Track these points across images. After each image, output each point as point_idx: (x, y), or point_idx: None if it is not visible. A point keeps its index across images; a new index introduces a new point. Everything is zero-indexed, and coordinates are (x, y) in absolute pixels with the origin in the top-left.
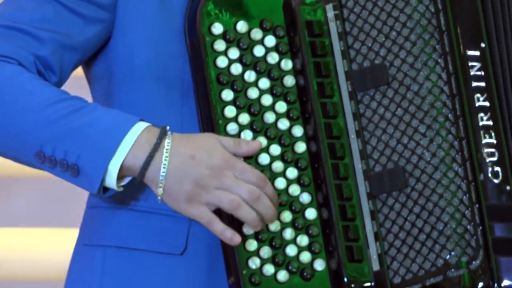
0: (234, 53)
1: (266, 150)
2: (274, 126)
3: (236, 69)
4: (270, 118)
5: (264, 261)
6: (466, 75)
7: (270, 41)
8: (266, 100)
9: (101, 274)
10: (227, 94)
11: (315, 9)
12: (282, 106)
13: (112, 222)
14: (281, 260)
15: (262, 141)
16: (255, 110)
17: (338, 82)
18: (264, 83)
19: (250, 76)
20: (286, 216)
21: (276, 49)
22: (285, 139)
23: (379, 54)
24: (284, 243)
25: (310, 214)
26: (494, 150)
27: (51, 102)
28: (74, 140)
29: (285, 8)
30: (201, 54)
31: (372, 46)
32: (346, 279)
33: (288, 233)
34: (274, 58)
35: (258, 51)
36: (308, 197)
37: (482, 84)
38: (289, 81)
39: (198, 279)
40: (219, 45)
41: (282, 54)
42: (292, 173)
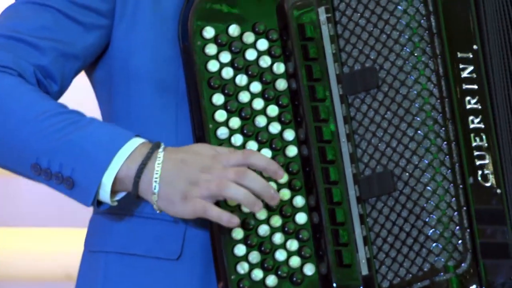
0: (225, 57)
1: None
2: (265, 130)
3: (227, 73)
4: (261, 122)
5: (252, 266)
6: (457, 78)
7: (263, 44)
8: (258, 104)
9: (103, 280)
10: (218, 98)
11: (308, 12)
12: (273, 110)
13: (112, 228)
14: (270, 265)
15: (253, 145)
16: (247, 114)
17: (330, 85)
18: (255, 87)
19: (241, 80)
20: (276, 220)
21: (268, 52)
22: (276, 143)
23: (370, 57)
24: (273, 248)
25: (301, 218)
26: (484, 153)
27: (48, 116)
28: (69, 153)
29: (278, 11)
30: (193, 58)
31: (363, 49)
32: (335, 284)
33: (277, 237)
34: (266, 61)
35: (250, 55)
36: (299, 201)
37: (474, 86)
38: (281, 84)
39: (194, 284)
40: (211, 49)
41: (275, 58)
42: (283, 177)
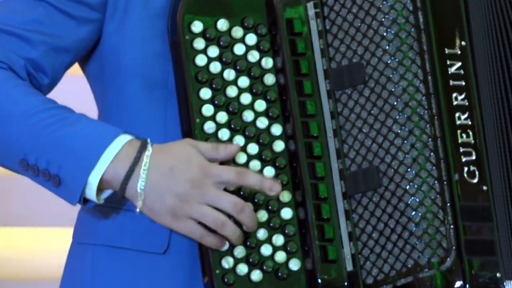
0: (213, 51)
1: (243, 149)
2: (253, 124)
3: (215, 67)
4: (248, 116)
5: (237, 260)
6: (444, 74)
7: (251, 39)
8: (245, 98)
9: (91, 272)
10: (205, 93)
11: (297, 7)
12: (261, 105)
13: (101, 221)
14: (255, 259)
15: (240, 139)
16: (234, 109)
17: (317, 81)
18: (243, 82)
19: (229, 74)
20: (262, 215)
21: (257, 47)
22: (263, 138)
23: (357, 53)
24: (259, 243)
25: (286, 213)
26: (471, 150)
27: (36, 111)
28: (57, 150)
29: (267, 6)
30: (181, 52)
31: (350, 44)
32: (320, 280)
33: (263, 232)
34: (254, 56)
35: (239, 49)
36: (286, 196)
37: (462, 83)
38: (269, 79)
39: (181, 278)
40: (199, 43)
41: (263, 53)
42: (269, 172)
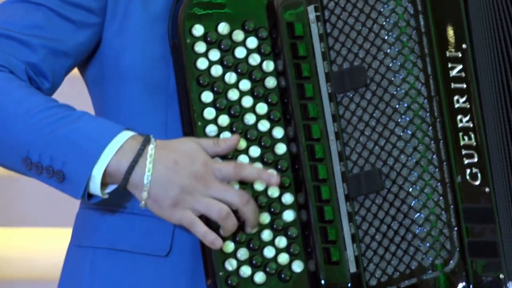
0: (214, 54)
1: (245, 151)
2: (254, 127)
3: (216, 71)
4: (250, 119)
5: (241, 262)
6: (445, 77)
7: (252, 42)
8: (247, 101)
9: (90, 275)
10: (207, 96)
11: (297, 10)
12: (262, 108)
13: (101, 223)
14: (259, 261)
15: (242, 143)
16: (235, 112)
17: (319, 83)
18: (245, 85)
19: (230, 77)
20: (265, 217)
21: (258, 50)
22: (265, 141)
23: (358, 56)
24: (262, 245)
25: (289, 216)
26: (473, 152)
27: (38, 110)
28: (60, 147)
29: (268, 9)
30: (182, 56)
31: (351, 47)
32: (323, 281)
33: (266, 234)
34: (255, 59)
35: (240, 53)
36: (288, 198)
37: (463, 85)
38: (270, 82)
39: (183, 281)
40: (200, 47)
41: (264, 56)
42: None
